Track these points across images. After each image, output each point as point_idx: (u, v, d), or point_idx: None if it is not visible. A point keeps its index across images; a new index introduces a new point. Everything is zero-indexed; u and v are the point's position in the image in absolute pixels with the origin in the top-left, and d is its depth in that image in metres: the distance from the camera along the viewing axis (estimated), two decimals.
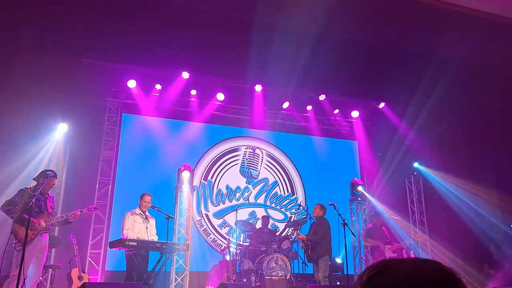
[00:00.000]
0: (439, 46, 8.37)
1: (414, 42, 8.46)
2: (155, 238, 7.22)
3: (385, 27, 7.89)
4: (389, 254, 8.43)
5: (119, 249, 6.64)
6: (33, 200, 5.83)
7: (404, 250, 8.84)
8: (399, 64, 9.11)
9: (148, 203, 7.25)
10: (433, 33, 8.01)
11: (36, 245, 6.16)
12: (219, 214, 11.05)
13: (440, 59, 8.83)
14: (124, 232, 6.97)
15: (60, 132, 9.46)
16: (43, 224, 6.22)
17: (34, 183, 6.47)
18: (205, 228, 10.83)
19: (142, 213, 7.25)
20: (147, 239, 6.96)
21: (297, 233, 8.77)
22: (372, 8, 7.20)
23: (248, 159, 11.76)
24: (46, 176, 6.37)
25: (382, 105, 12.19)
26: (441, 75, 9.26)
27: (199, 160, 11.22)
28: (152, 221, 7.37)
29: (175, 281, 8.80)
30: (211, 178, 11.28)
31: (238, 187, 11.40)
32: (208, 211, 10.99)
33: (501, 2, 7.03)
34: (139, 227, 7.09)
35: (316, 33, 8.04)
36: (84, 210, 6.60)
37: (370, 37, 8.35)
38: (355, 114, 12.51)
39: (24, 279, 5.71)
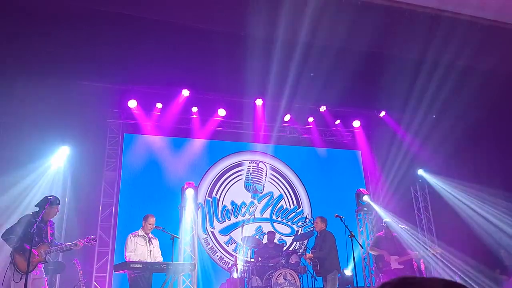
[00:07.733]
0: (433, 52, 8.38)
1: (409, 49, 8.45)
2: (160, 259, 7.03)
3: (380, 36, 7.88)
4: (395, 265, 8.19)
5: (124, 272, 6.51)
6: (35, 227, 5.62)
7: (413, 260, 8.61)
8: (396, 71, 9.09)
9: (152, 225, 7.04)
10: (427, 39, 8.00)
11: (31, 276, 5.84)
12: (225, 231, 10.95)
13: (435, 64, 8.83)
14: (127, 254, 6.75)
15: (61, 155, 9.43)
16: (43, 254, 6.02)
17: (37, 209, 6.20)
18: (212, 246, 10.72)
19: (145, 235, 7.03)
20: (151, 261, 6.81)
21: (305, 253, 8.58)
22: (368, 18, 7.20)
23: (252, 174, 11.69)
24: (47, 202, 6.14)
25: (383, 113, 12.14)
26: (439, 80, 9.25)
27: (203, 177, 11.16)
28: (156, 242, 7.16)
29: None
30: (216, 194, 11.20)
31: (243, 203, 11.31)
32: (214, 228, 10.89)
33: (488, 7, 7.09)
34: (142, 250, 6.89)
35: (313, 45, 8.04)
36: (83, 242, 6.34)
37: (366, 47, 8.34)
38: (356, 123, 12.47)
39: None
